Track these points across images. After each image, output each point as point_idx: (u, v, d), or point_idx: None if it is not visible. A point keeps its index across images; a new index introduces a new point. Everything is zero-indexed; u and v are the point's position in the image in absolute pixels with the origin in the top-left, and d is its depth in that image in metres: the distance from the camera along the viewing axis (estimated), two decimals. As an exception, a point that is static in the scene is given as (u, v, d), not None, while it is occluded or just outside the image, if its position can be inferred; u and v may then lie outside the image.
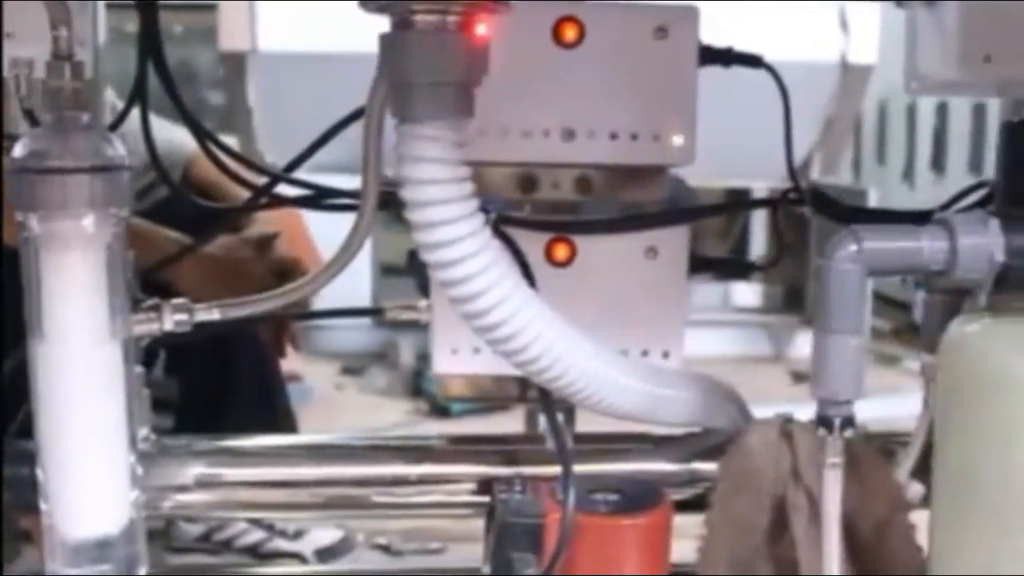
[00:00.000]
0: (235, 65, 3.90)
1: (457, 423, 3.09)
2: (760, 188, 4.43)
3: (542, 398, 0.95)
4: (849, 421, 0.88)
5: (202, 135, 1.12)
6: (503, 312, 0.82)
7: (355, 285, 3.43)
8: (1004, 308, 0.85)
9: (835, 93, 3.81)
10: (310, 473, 1.17)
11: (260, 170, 1.12)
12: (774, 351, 4.17)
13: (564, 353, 0.87)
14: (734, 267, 1.87)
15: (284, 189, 1.21)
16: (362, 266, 3.75)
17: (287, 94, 3.61)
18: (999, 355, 0.83)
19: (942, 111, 4.75)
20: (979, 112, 4.29)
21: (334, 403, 3.58)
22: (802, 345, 4.17)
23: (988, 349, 0.84)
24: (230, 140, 3.94)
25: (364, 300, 3.58)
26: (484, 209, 0.96)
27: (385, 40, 0.77)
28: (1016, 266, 0.81)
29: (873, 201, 3.92)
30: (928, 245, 0.80)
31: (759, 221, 4.28)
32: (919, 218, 0.94)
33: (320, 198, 1.16)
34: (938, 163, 4.87)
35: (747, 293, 4.52)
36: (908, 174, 5.13)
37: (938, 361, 0.89)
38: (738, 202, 2.55)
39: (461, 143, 0.78)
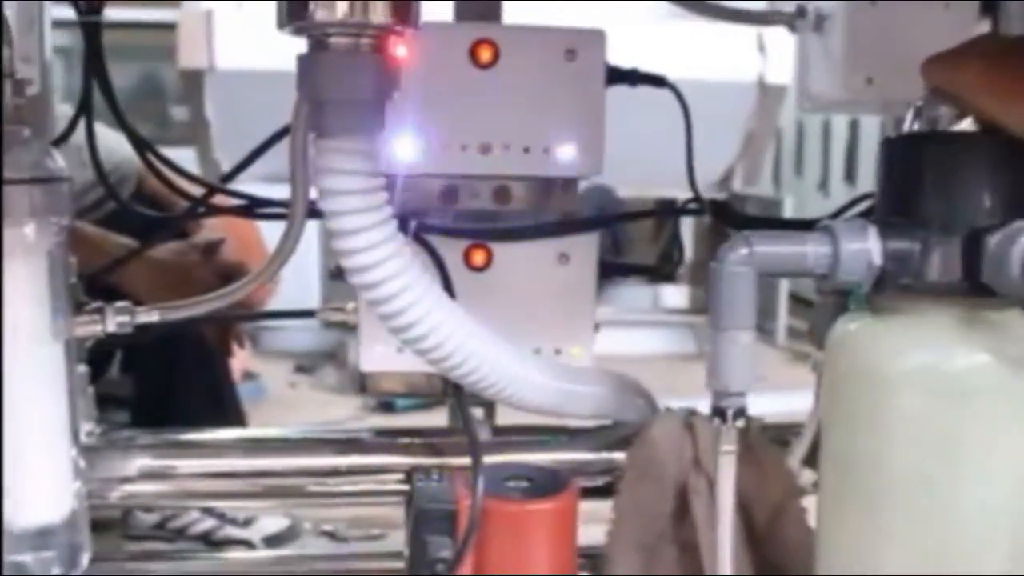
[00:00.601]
0: (194, 81, 3.88)
1: (401, 417, 3.09)
2: (687, 198, 4.48)
3: (455, 393, 0.95)
4: (742, 411, 0.89)
5: (143, 147, 1.11)
6: (415, 313, 0.82)
7: (305, 288, 3.42)
8: (883, 308, 0.86)
9: (754, 110, 3.85)
10: (247, 464, 1.16)
11: (198, 181, 1.12)
12: (699, 349, 4.21)
13: (475, 351, 0.87)
14: (639, 271, 1.87)
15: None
16: (311, 270, 3.74)
17: (242, 108, 3.60)
18: (875, 352, 0.84)
19: (854, 127, 4.82)
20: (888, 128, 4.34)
21: (287, 400, 3.57)
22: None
23: (866, 346, 0.85)
24: (191, 152, 3.93)
25: (314, 302, 3.57)
26: (406, 218, 0.96)
27: (303, 61, 0.77)
28: (892, 269, 0.82)
29: (788, 209, 3.97)
30: (813, 250, 0.81)
31: (688, 227, 4.33)
32: (809, 226, 0.96)
33: (255, 208, 1.16)
34: (850, 174, 4.94)
35: (675, 295, 4.56)
36: (823, 185, 5.20)
37: (824, 357, 0.90)
38: (643, 212, 2.57)
39: (374, 156, 0.78)
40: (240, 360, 2.70)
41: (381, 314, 0.82)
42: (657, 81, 1.11)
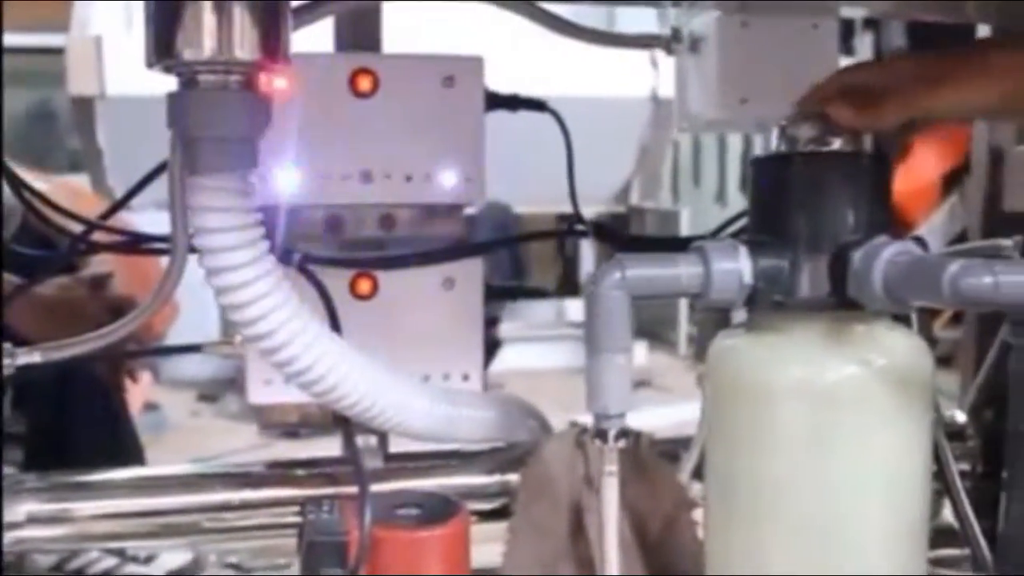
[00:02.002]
0: (85, 108, 3.82)
1: (305, 444, 3.07)
2: (589, 212, 4.52)
3: (341, 423, 0.95)
4: (625, 431, 0.90)
5: (15, 183, 1.09)
6: (295, 348, 0.82)
7: (206, 317, 3.38)
8: (757, 324, 0.89)
9: (648, 125, 3.91)
10: (140, 504, 1.15)
11: (75, 218, 1.10)
12: (603, 362, 4.22)
13: (358, 382, 0.88)
14: (525, 293, 1.89)
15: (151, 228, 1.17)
16: (210, 300, 3.69)
17: (134, 135, 3.55)
18: (751, 368, 0.87)
19: (748, 138, 4.90)
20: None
21: (190, 429, 3.52)
22: (628, 355, 4.24)
23: (742, 362, 0.88)
24: (83, 179, 3.86)
25: (215, 332, 3.53)
26: (290, 250, 0.96)
27: (172, 99, 0.77)
28: (763, 287, 0.84)
29: (684, 221, 4.03)
30: (685, 271, 0.83)
31: (588, 246, 4.37)
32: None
33: (138, 243, 1.14)
34: (746, 184, 5.02)
35: (579, 309, 4.58)
36: (721, 196, 5.28)
37: (704, 373, 0.92)
38: (525, 235, 2.58)
39: (247, 192, 0.78)
40: (140, 391, 2.66)
41: (261, 350, 0.82)
42: (537, 105, 1.13)
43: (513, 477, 1.13)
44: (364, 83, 1.05)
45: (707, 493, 0.94)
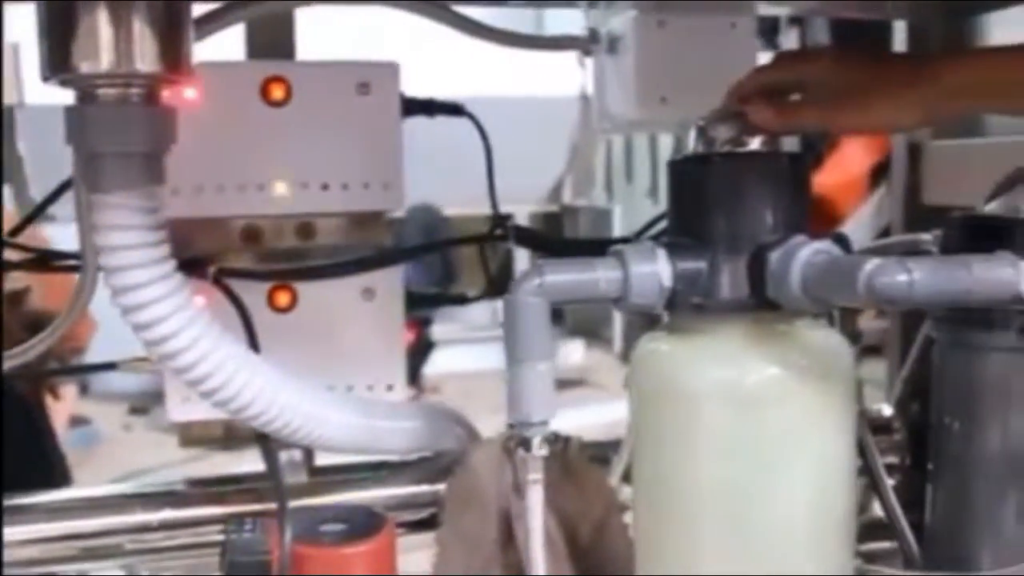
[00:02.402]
0: (3, 118, 3.74)
1: (239, 455, 3.03)
2: (522, 212, 4.52)
3: (260, 439, 0.93)
4: (552, 438, 0.90)
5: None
6: (205, 367, 0.80)
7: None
8: (678, 327, 0.88)
9: (578, 123, 3.91)
10: (59, 528, 1.12)
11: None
12: (540, 362, 4.21)
13: (274, 399, 0.86)
14: (448, 300, 1.87)
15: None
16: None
17: (55, 144, 3.48)
18: (673, 371, 0.86)
19: (679, 137, 4.92)
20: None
21: (121, 443, 3.46)
22: (565, 355, 4.26)
23: (664, 366, 0.87)
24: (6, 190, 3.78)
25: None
26: (204, 263, 0.94)
27: (70, 114, 0.75)
28: (683, 290, 0.84)
29: (617, 218, 4.03)
30: (603, 276, 0.82)
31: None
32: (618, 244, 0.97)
33: (48, 259, 1.11)
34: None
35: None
36: (653, 192, 5.29)
37: (628, 376, 0.92)
38: (447, 240, 2.54)
39: (151, 209, 0.76)
40: (64, 407, 2.61)
41: (172, 369, 0.80)
42: (454, 110, 1.11)
43: (441, 487, 1.12)
44: (276, 91, 1.03)
45: (635, 497, 0.93)
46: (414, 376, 3.94)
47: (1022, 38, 0.79)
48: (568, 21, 1.42)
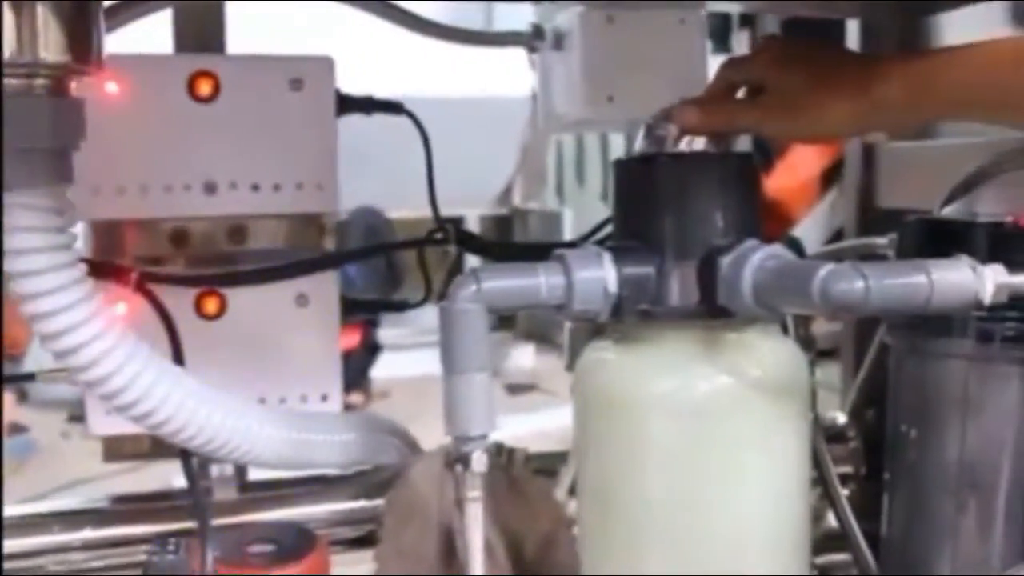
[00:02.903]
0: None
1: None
2: (472, 214, 4.48)
3: (182, 454, 0.88)
4: (497, 449, 0.86)
5: None
6: (119, 380, 0.75)
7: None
8: (625, 335, 0.85)
9: (529, 124, 3.88)
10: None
11: None
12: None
13: (195, 413, 0.81)
14: (387, 307, 1.83)
15: None
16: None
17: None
18: (620, 381, 0.83)
19: (631, 137, 4.90)
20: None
21: (59, 451, 3.38)
22: (516, 359, 4.22)
23: (610, 375, 0.84)
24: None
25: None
26: (126, 268, 0.89)
27: (-32, 106, 0.69)
28: (630, 296, 0.80)
29: (568, 222, 4.00)
30: (545, 281, 0.78)
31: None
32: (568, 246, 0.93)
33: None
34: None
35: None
36: (605, 194, 5.27)
37: (573, 386, 0.88)
38: (382, 245, 2.50)
39: (59, 209, 0.71)
40: (9, 412, 2.54)
41: (85, 382, 0.75)
42: (394, 108, 1.07)
43: (380, 501, 1.08)
44: (204, 87, 0.98)
45: (580, 511, 0.90)
46: (361, 380, 3.88)
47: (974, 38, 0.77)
48: (518, 19, 1.39)
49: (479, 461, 0.78)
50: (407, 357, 3.98)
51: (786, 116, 0.80)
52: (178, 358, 0.90)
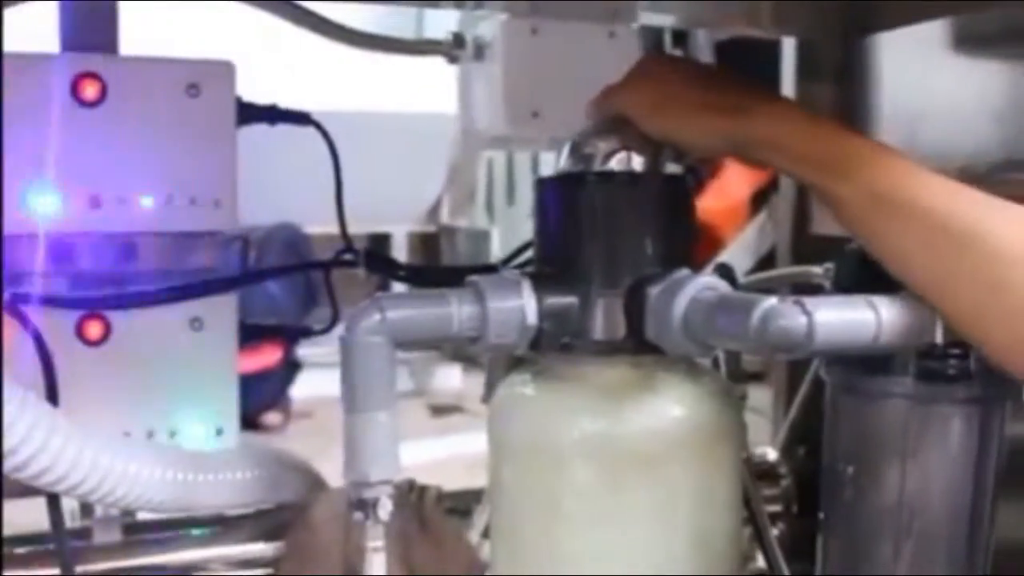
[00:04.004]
0: None
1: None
2: (399, 231, 4.39)
3: (47, 496, 0.78)
4: (400, 490, 0.78)
5: None
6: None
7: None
8: (545, 370, 0.78)
9: (457, 141, 3.81)
10: None
11: None
12: (415, 386, 4.12)
13: (62, 453, 0.72)
14: (289, 332, 1.74)
15: None
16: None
17: None
18: (535, 422, 0.77)
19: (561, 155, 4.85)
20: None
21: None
22: (441, 380, 4.14)
23: (525, 416, 0.78)
24: None
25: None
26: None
27: None
28: (551, 328, 0.73)
29: (496, 241, 3.93)
30: (457, 311, 0.71)
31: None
32: (487, 271, 0.86)
33: None
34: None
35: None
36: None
37: (488, 425, 0.81)
38: (290, 266, 2.42)
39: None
40: None
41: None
42: (300, 118, 0.99)
43: (279, 544, 1.00)
44: (89, 90, 0.89)
45: (492, 556, 0.83)
46: (281, 399, 3.77)
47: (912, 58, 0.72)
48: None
49: (383, 508, 0.71)
50: (330, 376, 3.87)
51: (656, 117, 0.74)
52: (51, 387, 0.81)
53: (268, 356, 3.61)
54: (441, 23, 1.20)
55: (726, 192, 3.59)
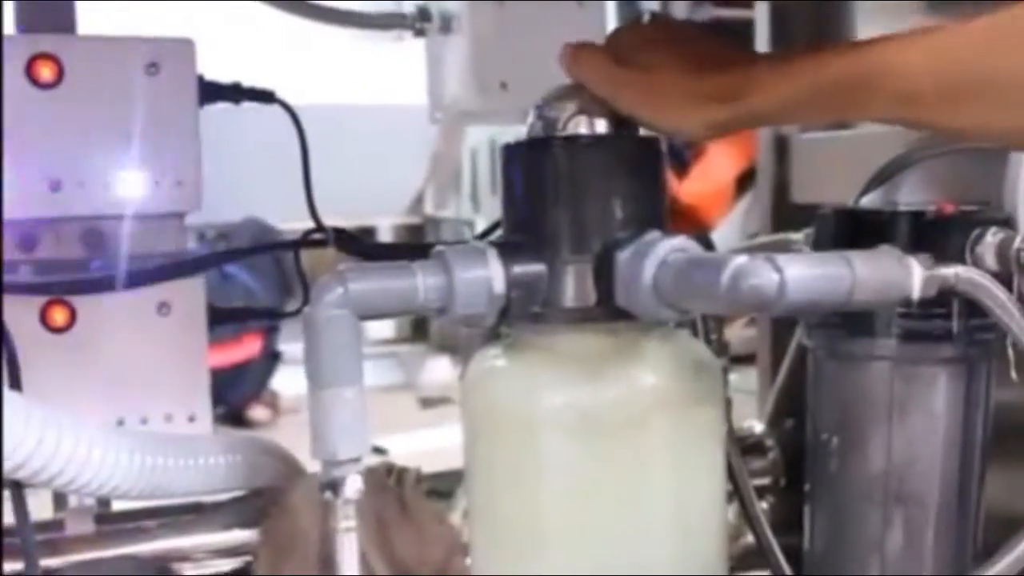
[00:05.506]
0: None
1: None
2: (384, 223, 4.37)
3: (12, 487, 0.76)
4: (378, 473, 0.76)
5: None
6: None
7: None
8: (515, 341, 0.76)
9: (438, 132, 3.79)
10: None
11: None
12: (405, 379, 4.10)
13: (24, 440, 0.70)
14: (259, 314, 1.73)
15: None
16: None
17: None
18: (509, 393, 0.75)
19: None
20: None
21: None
22: (430, 371, 4.12)
23: (498, 388, 0.76)
24: None
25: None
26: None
27: None
28: (519, 297, 0.71)
29: (480, 229, 3.91)
30: (423, 282, 0.69)
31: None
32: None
33: None
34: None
35: (379, 325, 4.44)
36: (520, 202, 5.20)
37: (460, 399, 0.80)
38: (262, 245, 2.39)
39: None
40: None
41: None
42: (264, 96, 0.97)
43: (257, 531, 0.98)
44: (45, 71, 0.87)
45: (471, 534, 0.82)
46: (262, 391, 3.75)
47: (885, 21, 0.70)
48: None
49: (352, 487, 0.69)
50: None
51: (647, 109, 0.71)
52: (14, 376, 0.79)
53: (249, 348, 3.60)
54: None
55: (710, 175, 3.57)
